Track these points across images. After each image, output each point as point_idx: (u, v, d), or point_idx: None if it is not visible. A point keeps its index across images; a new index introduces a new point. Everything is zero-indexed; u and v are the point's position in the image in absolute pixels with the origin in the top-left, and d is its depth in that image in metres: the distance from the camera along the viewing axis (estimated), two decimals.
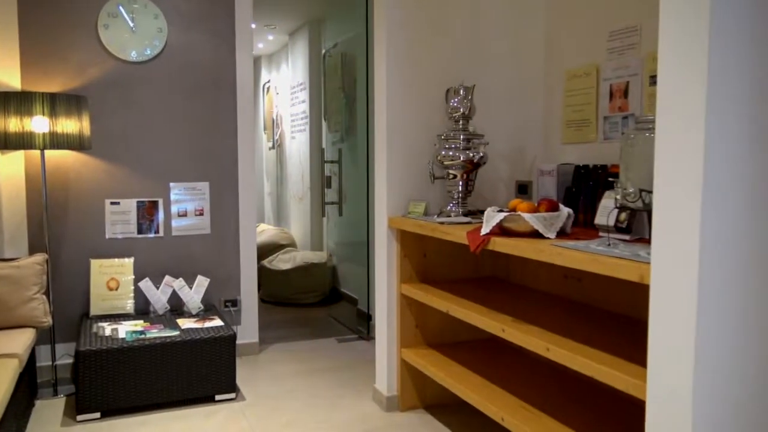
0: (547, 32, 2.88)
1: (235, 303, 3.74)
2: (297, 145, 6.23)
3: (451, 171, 2.72)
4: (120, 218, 3.45)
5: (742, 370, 1.41)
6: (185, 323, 3.18)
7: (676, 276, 1.37)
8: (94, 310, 3.29)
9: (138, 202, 3.49)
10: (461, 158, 2.68)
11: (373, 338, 4.08)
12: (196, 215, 3.62)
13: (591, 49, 2.61)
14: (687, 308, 1.35)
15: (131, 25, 3.41)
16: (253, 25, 5.56)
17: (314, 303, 5.22)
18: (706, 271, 1.34)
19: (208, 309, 3.50)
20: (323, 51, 5.48)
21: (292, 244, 6.01)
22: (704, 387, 1.36)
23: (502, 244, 2.04)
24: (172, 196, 3.57)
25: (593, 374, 1.72)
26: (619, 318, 2.23)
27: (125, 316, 3.30)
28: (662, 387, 1.43)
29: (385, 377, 2.93)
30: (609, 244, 1.81)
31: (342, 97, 4.89)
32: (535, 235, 2.07)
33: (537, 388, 2.38)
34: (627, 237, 1.90)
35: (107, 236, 3.43)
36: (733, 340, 1.39)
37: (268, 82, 7.35)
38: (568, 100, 2.73)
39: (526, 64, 2.97)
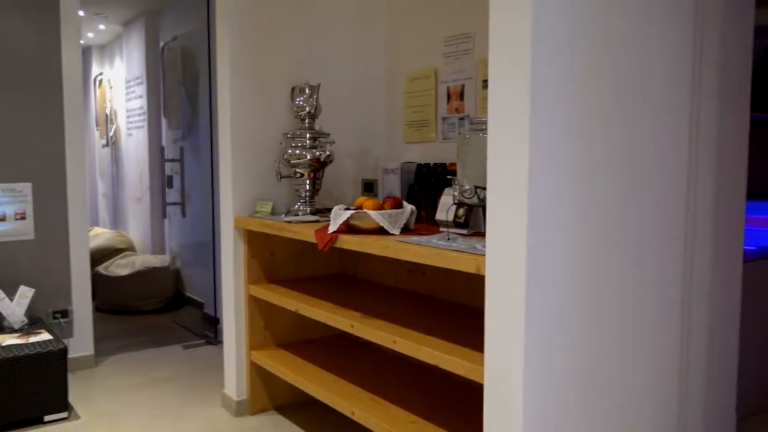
0: (388, 36, 2.97)
1: (65, 314, 3.44)
2: (134, 143, 5.87)
3: (298, 170, 2.72)
4: None
5: (568, 352, 1.56)
6: (6, 339, 2.86)
7: (507, 266, 1.48)
8: None
9: None
10: (308, 157, 2.68)
11: (222, 342, 3.96)
12: (16, 219, 3.27)
13: (429, 53, 2.73)
14: (517, 296, 1.46)
15: None
16: (81, 13, 5.14)
17: (157, 309, 4.95)
18: (532, 262, 1.46)
19: (34, 322, 3.18)
20: (161, 44, 5.21)
21: (130, 248, 5.65)
22: (533, 369, 1.49)
23: (349, 242, 2.08)
24: None
25: (437, 362, 1.80)
26: (460, 308, 2.36)
27: None
28: (497, 370, 1.53)
29: (234, 381, 2.86)
30: (449, 239, 1.91)
31: (183, 93, 4.68)
32: (381, 231, 2.13)
33: (386, 381, 2.45)
34: (465, 231, 2.02)
35: None
36: (558, 326, 1.53)
37: (101, 74, 6.84)
38: (409, 102, 2.84)
39: (370, 65, 3.04)
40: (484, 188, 1.83)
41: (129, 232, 6.13)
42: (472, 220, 2.02)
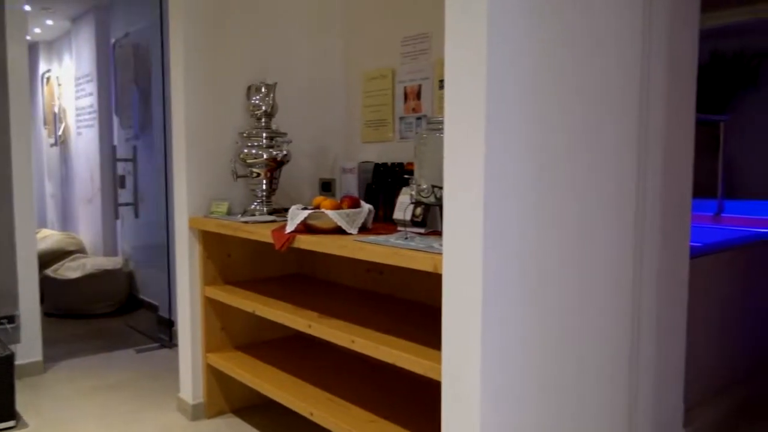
0: (346, 35, 2.96)
1: (12, 319, 3.32)
2: (84, 142, 5.71)
3: (254, 169, 2.69)
4: None
5: (525, 350, 1.58)
6: None
7: (463, 265, 1.50)
8: None
9: None
10: (264, 156, 2.65)
11: (177, 345, 3.89)
12: None
13: (387, 53, 2.74)
14: (474, 294, 1.48)
15: None
16: (27, 8, 4.97)
17: (109, 313, 4.83)
18: (489, 260, 1.47)
19: None
20: (112, 40, 5.08)
21: (81, 250, 5.49)
22: (490, 366, 1.51)
23: (306, 242, 2.06)
24: None
25: (395, 361, 1.81)
26: (418, 306, 2.38)
27: None
28: (454, 368, 1.55)
29: (189, 385, 2.81)
30: (406, 238, 1.91)
31: (135, 91, 4.58)
32: (339, 231, 2.12)
33: (344, 381, 2.44)
34: (422, 230, 2.03)
35: None
36: (515, 322, 1.55)
37: (48, 71, 6.63)
38: (367, 101, 2.84)
39: (327, 64, 3.03)
40: (441, 187, 1.84)
41: (79, 234, 5.96)
42: (429, 219, 2.04)
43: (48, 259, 5.09)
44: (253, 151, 2.65)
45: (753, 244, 3.04)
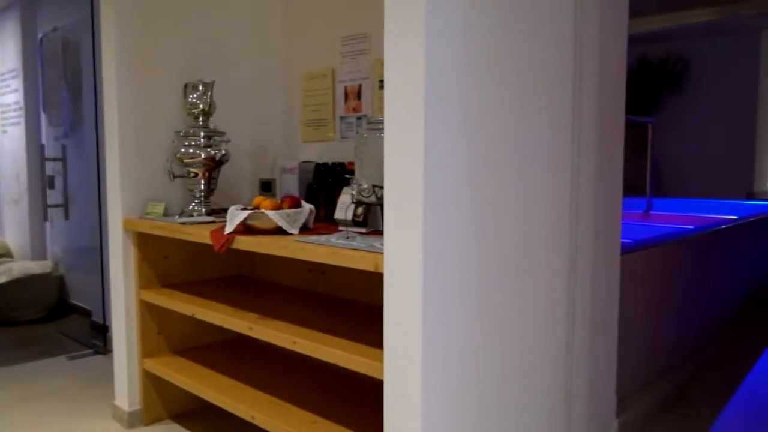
0: (285, 34, 2.94)
1: None
2: (9, 141, 5.46)
3: (191, 169, 2.63)
4: None
5: (465, 345, 1.61)
6: None
7: (404, 264, 1.51)
8: None
9: None
10: (202, 156, 2.60)
11: (111, 351, 3.76)
12: None
13: (327, 53, 2.73)
14: (414, 292, 1.49)
15: None
16: None
17: (38, 319, 4.63)
18: (429, 258, 1.49)
19: None
20: (40, 35, 4.87)
21: (7, 254, 5.25)
22: (431, 363, 1.52)
23: (246, 242, 2.04)
24: None
25: (337, 361, 1.81)
26: (361, 306, 2.38)
27: None
28: (396, 366, 1.56)
29: (125, 391, 2.72)
30: (347, 237, 1.92)
31: (65, 88, 4.40)
32: (279, 231, 2.10)
33: (287, 382, 2.42)
34: (363, 230, 2.04)
35: None
36: (456, 320, 1.58)
37: None
38: (307, 101, 2.82)
39: (267, 64, 3.00)
40: (382, 187, 1.85)
41: (5, 237, 5.70)
42: (370, 218, 2.04)
43: None
44: (191, 151, 2.59)
45: (679, 240, 3.19)
